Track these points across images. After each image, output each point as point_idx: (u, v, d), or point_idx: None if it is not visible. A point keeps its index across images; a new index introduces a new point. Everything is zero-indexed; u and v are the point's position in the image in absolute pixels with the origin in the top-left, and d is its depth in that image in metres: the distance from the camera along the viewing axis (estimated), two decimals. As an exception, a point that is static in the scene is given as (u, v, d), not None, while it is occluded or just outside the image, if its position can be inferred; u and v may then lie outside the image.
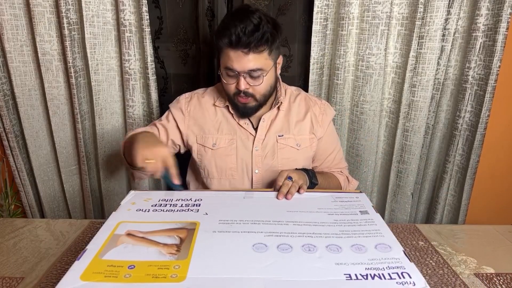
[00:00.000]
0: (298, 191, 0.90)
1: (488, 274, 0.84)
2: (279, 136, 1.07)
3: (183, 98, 1.13)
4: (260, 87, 0.98)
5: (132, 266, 0.58)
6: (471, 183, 1.43)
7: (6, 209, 1.50)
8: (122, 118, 1.43)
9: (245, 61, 0.93)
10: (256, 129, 1.07)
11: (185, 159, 1.24)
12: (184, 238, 0.66)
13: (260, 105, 1.03)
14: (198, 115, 1.09)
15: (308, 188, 0.96)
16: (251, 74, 0.95)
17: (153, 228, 0.70)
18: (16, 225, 1.03)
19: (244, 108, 1.02)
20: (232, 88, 0.99)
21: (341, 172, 1.18)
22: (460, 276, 0.83)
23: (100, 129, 1.39)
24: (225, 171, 1.06)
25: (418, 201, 1.53)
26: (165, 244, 0.64)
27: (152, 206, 0.80)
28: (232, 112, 1.07)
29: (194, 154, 1.10)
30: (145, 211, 0.78)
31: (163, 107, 1.41)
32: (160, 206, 0.80)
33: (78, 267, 0.58)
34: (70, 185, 1.48)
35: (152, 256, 0.61)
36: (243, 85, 0.96)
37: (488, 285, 0.81)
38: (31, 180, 1.46)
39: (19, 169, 1.41)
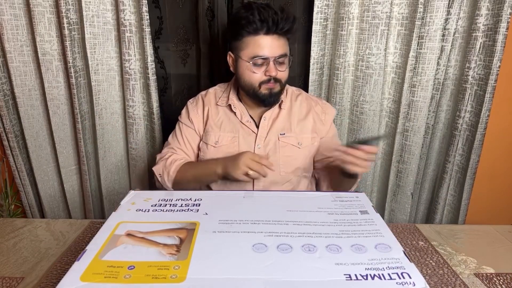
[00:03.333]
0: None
1: (488, 274, 0.84)
2: (280, 134, 1.08)
3: (189, 104, 1.15)
4: (285, 72, 1.02)
5: (132, 267, 0.58)
6: (471, 183, 1.43)
7: (6, 209, 1.50)
8: (122, 118, 1.43)
9: (276, 46, 0.97)
10: (258, 127, 1.08)
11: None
12: (184, 238, 0.66)
13: (281, 91, 1.05)
14: (203, 115, 1.12)
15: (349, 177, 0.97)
16: (279, 59, 0.99)
17: (153, 228, 0.70)
18: (16, 225, 1.03)
19: (270, 96, 1.03)
20: (259, 77, 1.00)
21: None
22: (460, 276, 0.83)
23: (100, 129, 1.39)
24: None
25: (418, 201, 1.53)
26: (165, 245, 0.64)
27: (152, 206, 0.80)
28: (234, 110, 1.09)
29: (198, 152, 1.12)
30: (145, 211, 0.78)
31: (163, 107, 1.41)
32: (160, 206, 0.80)
33: (78, 267, 0.58)
34: (70, 185, 1.48)
35: (152, 257, 0.61)
36: (273, 71, 0.98)
37: (488, 285, 0.81)
38: (31, 180, 1.46)
39: (19, 169, 1.41)
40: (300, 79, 1.46)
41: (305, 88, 1.35)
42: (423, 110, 1.33)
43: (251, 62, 0.99)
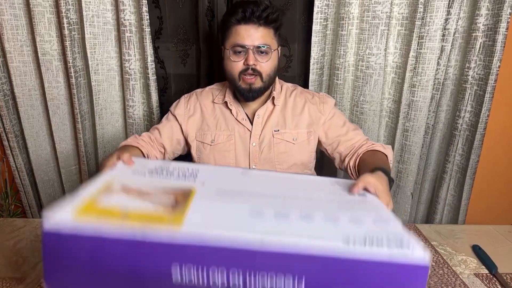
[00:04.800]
0: None
1: (488, 274, 0.84)
2: (275, 131, 1.08)
3: (183, 98, 1.15)
4: (267, 64, 1.01)
5: (127, 213, 0.57)
6: (471, 183, 1.43)
7: (6, 209, 1.50)
8: (122, 118, 1.43)
9: (255, 35, 0.98)
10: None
11: (185, 158, 1.24)
12: (180, 200, 0.65)
13: (264, 87, 1.04)
14: (197, 112, 1.11)
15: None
16: (260, 49, 0.99)
17: (149, 187, 0.69)
18: (16, 225, 1.03)
19: (249, 90, 1.03)
20: (239, 66, 1.01)
21: (372, 143, 1.06)
22: (460, 276, 0.83)
23: (100, 129, 1.40)
24: None
25: (418, 201, 1.53)
26: (160, 201, 0.64)
27: (148, 171, 0.79)
28: (230, 108, 1.08)
29: (193, 151, 1.11)
30: (141, 174, 0.77)
31: (163, 107, 1.41)
32: (157, 173, 0.79)
33: (70, 207, 0.56)
34: (70, 185, 1.48)
35: (147, 209, 0.60)
36: (251, 60, 0.99)
37: (488, 285, 0.81)
38: (31, 180, 1.46)
39: (19, 169, 1.41)
40: (300, 79, 1.46)
41: (305, 88, 1.35)
42: (423, 110, 1.33)
43: (230, 50, 1.01)
